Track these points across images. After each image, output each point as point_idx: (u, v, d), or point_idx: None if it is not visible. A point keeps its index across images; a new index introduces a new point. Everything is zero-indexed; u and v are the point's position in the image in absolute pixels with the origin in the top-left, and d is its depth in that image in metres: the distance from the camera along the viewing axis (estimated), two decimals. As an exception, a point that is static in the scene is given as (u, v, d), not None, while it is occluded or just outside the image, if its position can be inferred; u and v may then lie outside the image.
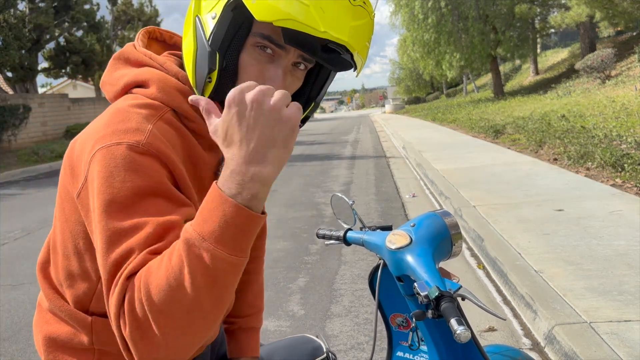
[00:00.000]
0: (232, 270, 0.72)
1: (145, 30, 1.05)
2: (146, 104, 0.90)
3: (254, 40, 0.88)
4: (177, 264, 0.70)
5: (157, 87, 0.93)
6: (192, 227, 0.72)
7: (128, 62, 0.99)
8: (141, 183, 0.80)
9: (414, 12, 26.18)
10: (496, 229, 4.46)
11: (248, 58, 0.89)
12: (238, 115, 0.72)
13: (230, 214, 0.70)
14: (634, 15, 18.20)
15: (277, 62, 0.89)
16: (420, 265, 1.01)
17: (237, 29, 0.87)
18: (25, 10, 20.87)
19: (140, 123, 0.86)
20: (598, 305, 2.85)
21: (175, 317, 0.71)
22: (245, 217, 0.71)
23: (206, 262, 0.70)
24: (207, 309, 0.72)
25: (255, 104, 0.72)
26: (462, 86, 43.74)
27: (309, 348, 1.32)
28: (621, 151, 6.82)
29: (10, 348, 3.22)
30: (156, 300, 0.70)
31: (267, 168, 0.72)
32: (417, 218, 1.13)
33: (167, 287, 0.70)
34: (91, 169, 0.83)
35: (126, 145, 0.82)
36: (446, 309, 0.91)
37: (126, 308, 0.72)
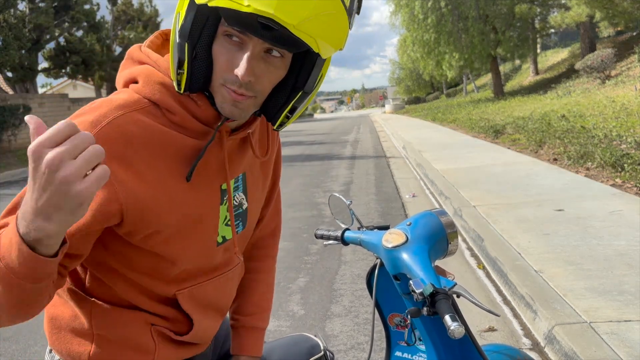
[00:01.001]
0: (9, 284, 0.76)
1: (161, 32, 1.08)
2: (126, 97, 0.94)
3: (222, 30, 0.88)
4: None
5: (142, 81, 0.96)
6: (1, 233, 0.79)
7: (132, 62, 1.03)
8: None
9: (414, 12, 26.18)
10: (496, 229, 4.46)
11: (219, 47, 0.89)
12: (34, 172, 0.70)
13: (15, 243, 0.74)
14: (634, 15, 18.20)
15: (244, 50, 0.89)
16: (415, 263, 1.02)
17: (205, 19, 0.87)
18: (25, 10, 20.88)
19: (101, 116, 0.89)
20: (598, 305, 2.84)
21: None
22: (26, 253, 0.74)
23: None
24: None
25: (47, 169, 0.68)
26: (462, 86, 43.76)
27: (307, 346, 1.33)
28: (621, 151, 6.82)
29: (11, 348, 3.22)
30: None
31: (51, 225, 0.72)
32: (413, 217, 1.14)
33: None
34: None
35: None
36: (440, 305, 0.91)
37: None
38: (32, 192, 0.70)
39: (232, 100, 0.91)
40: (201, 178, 0.99)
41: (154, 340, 1.03)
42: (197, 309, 1.07)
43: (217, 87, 0.92)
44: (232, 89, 0.90)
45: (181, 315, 1.06)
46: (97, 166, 0.70)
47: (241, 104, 0.92)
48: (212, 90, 0.93)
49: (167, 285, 1.02)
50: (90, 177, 0.70)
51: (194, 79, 0.91)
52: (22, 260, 0.74)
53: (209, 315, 1.11)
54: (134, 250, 0.97)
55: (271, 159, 1.21)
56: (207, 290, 1.09)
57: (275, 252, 1.36)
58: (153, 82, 0.95)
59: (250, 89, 0.91)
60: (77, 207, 0.70)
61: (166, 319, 1.05)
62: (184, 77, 0.90)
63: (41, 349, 3.18)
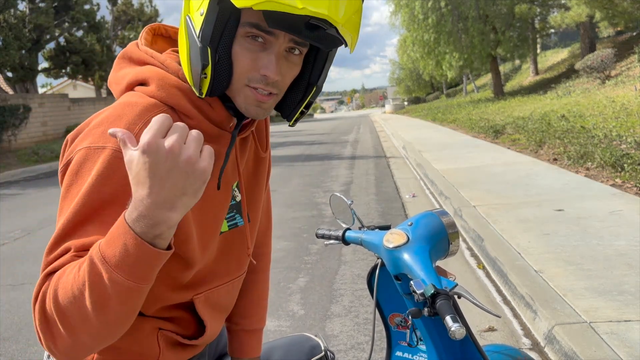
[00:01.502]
0: (127, 294, 0.75)
1: (150, 27, 1.06)
2: (144, 102, 0.92)
3: (243, 31, 0.88)
4: (82, 277, 0.75)
5: (156, 85, 0.93)
6: (99, 246, 0.75)
7: (131, 61, 1.00)
8: (107, 190, 0.83)
9: (414, 12, 26.18)
10: (496, 229, 4.46)
11: (240, 49, 0.89)
12: (151, 165, 0.70)
13: (132, 246, 0.73)
14: (634, 15, 18.20)
15: (269, 49, 0.89)
16: (416, 264, 1.02)
17: (225, 22, 0.87)
18: (25, 10, 20.87)
19: (129, 124, 0.87)
20: (598, 305, 2.85)
21: (72, 322, 0.76)
22: (146, 252, 0.73)
23: (104, 281, 0.74)
24: (102, 323, 0.76)
25: (170, 155, 0.70)
26: (462, 86, 43.74)
27: (307, 346, 1.33)
28: (621, 151, 6.82)
29: (11, 348, 3.22)
30: (60, 302, 0.76)
31: (175, 214, 0.73)
32: (414, 217, 1.13)
33: (71, 294, 0.75)
34: (72, 164, 0.86)
35: (109, 151, 0.84)
36: (441, 306, 0.91)
37: (38, 305, 0.78)
38: (150, 188, 0.71)
39: (256, 101, 0.92)
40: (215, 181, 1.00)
41: (159, 345, 1.02)
42: (211, 312, 1.07)
43: (239, 89, 0.92)
44: (257, 88, 0.91)
45: (193, 319, 1.07)
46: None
47: (265, 104, 0.93)
48: (231, 92, 0.93)
49: (186, 291, 1.02)
50: (204, 154, 0.73)
51: (217, 83, 0.90)
52: (144, 261, 0.74)
53: (218, 318, 1.12)
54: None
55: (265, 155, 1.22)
56: (221, 294, 1.10)
57: (270, 250, 1.37)
58: (168, 86, 0.93)
59: (276, 87, 0.93)
60: (199, 187, 0.73)
61: (177, 324, 1.05)
62: (207, 82, 0.90)
63: (41, 349, 3.18)
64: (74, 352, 0.79)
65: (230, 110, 0.98)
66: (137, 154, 0.71)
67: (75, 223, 0.82)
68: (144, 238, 0.73)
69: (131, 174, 0.73)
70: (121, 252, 0.73)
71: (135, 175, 0.72)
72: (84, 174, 0.84)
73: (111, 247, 0.73)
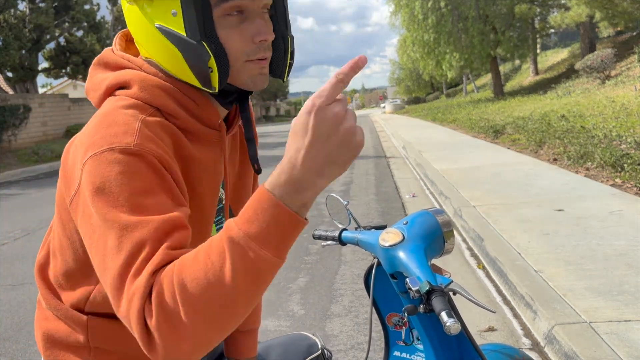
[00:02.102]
0: (272, 271, 0.73)
1: (123, 33, 1.04)
2: (131, 104, 0.90)
3: (220, 11, 0.87)
4: (218, 261, 0.71)
5: (139, 86, 0.91)
6: (236, 225, 0.72)
7: (107, 67, 0.98)
8: (138, 184, 0.80)
9: (414, 12, 26.19)
10: (496, 229, 4.47)
11: (225, 30, 0.89)
12: (315, 127, 0.70)
13: (281, 219, 0.71)
14: (634, 15, 18.20)
15: (251, 16, 0.89)
16: (412, 261, 1.03)
17: (201, 12, 0.87)
18: (25, 10, 20.87)
19: (127, 124, 0.85)
20: (598, 305, 2.85)
21: (208, 312, 0.71)
22: (294, 223, 0.72)
23: (250, 261, 0.71)
24: (240, 306, 0.73)
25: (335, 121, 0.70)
26: (462, 86, 43.76)
27: (304, 345, 1.33)
28: (621, 151, 6.82)
29: (11, 348, 3.22)
30: (192, 295, 0.70)
31: (323, 181, 0.74)
32: (409, 216, 1.14)
33: (206, 283, 0.70)
34: (85, 177, 0.82)
35: (118, 150, 0.82)
36: (436, 302, 0.92)
37: (154, 302, 0.72)
38: (307, 150, 0.70)
39: (259, 69, 0.93)
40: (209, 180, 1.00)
41: None
42: None
43: (240, 68, 0.91)
44: (257, 58, 0.91)
45: None
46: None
47: (265, 68, 0.94)
48: (233, 75, 0.92)
49: None
50: (358, 129, 0.73)
51: (223, 73, 0.90)
52: (289, 234, 0.73)
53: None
54: None
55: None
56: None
57: None
58: (151, 87, 0.91)
59: (270, 49, 0.94)
60: (349, 160, 0.73)
61: None
62: (216, 74, 0.89)
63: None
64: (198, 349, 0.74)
65: (229, 105, 0.98)
66: (302, 113, 0.71)
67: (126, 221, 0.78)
68: (289, 206, 0.72)
69: (291, 133, 0.72)
70: (269, 228, 0.71)
71: (294, 134, 0.72)
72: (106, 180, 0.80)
73: (255, 224, 0.71)
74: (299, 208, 0.73)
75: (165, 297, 0.71)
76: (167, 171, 0.86)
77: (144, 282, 0.73)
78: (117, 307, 0.76)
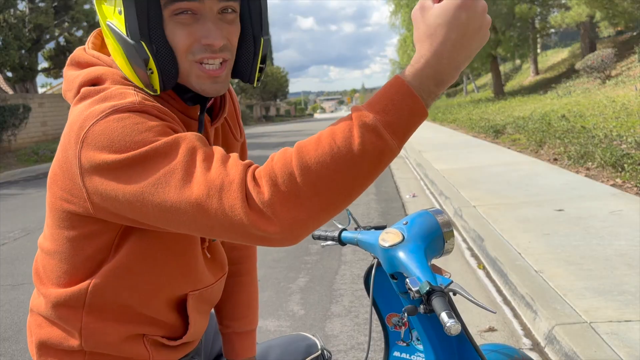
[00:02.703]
0: (391, 160, 0.75)
1: (98, 31, 1.03)
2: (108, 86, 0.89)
3: (169, 11, 0.86)
4: (345, 146, 0.72)
5: (111, 80, 0.90)
6: (373, 114, 0.72)
7: (79, 65, 0.97)
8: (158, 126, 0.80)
9: (414, 12, 26.17)
10: (496, 229, 4.46)
11: (172, 30, 0.87)
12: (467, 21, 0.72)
13: (416, 111, 0.73)
14: (634, 15, 18.20)
15: (202, 18, 0.87)
16: (412, 262, 1.03)
17: (147, 10, 0.85)
18: (25, 10, 20.87)
19: (122, 90, 0.85)
20: (598, 305, 2.84)
21: (328, 194, 0.73)
22: (424, 115, 0.74)
23: (379, 149, 0.72)
24: (357, 188, 0.75)
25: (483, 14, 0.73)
26: (462, 86, 43.75)
27: (304, 345, 1.33)
28: (621, 151, 6.82)
29: (11, 348, 3.22)
30: (316, 176, 0.72)
31: (456, 76, 0.75)
32: (409, 216, 1.14)
33: (333, 166, 0.72)
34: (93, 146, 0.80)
35: (123, 108, 0.81)
36: (437, 302, 0.92)
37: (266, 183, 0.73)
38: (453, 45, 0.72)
39: (210, 77, 0.90)
40: None
41: (147, 349, 1.00)
42: (198, 309, 1.07)
43: (188, 69, 0.89)
44: (205, 62, 0.89)
45: (178, 318, 1.05)
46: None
47: (220, 77, 0.91)
48: (182, 77, 0.90)
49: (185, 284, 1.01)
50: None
51: (166, 74, 0.88)
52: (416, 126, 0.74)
53: (204, 313, 1.11)
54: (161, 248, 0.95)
55: (241, 142, 1.19)
56: (214, 291, 1.10)
57: (255, 252, 1.34)
58: (122, 80, 0.90)
59: (227, 51, 0.91)
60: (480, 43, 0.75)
61: (160, 326, 1.02)
62: (156, 76, 0.87)
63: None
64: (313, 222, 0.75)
65: (189, 101, 0.96)
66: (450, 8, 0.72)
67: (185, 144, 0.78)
68: (423, 97, 0.73)
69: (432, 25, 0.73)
70: (402, 118, 0.72)
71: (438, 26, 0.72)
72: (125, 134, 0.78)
73: (391, 113, 0.72)
74: (430, 101, 0.75)
75: (279, 178, 0.72)
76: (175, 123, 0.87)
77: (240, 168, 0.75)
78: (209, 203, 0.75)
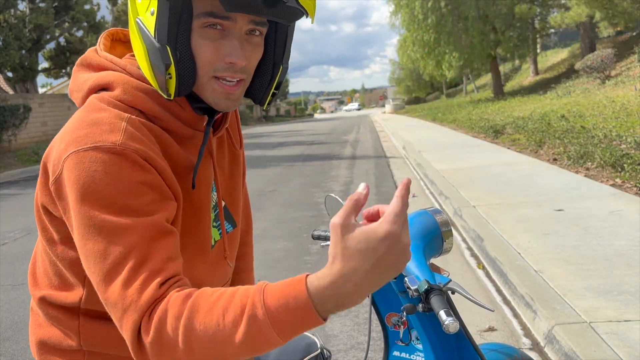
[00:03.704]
0: (270, 348, 0.75)
1: (108, 33, 1.03)
2: (115, 104, 0.89)
3: (199, 22, 0.86)
4: (231, 328, 0.72)
5: (121, 89, 0.91)
6: (264, 308, 0.71)
7: (90, 67, 0.97)
8: (125, 185, 0.81)
9: (414, 12, 26.20)
10: (496, 229, 4.47)
11: (199, 41, 0.87)
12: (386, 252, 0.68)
13: (309, 321, 0.71)
14: (634, 15, 18.20)
15: (230, 35, 0.87)
16: (410, 261, 1.02)
17: (179, 17, 0.85)
18: (26, 10, 20.88)
19: (112, 123, 0.85)
20: (598, 305, 2.85)
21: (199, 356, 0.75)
22: (316, 324, 0.73)
23: (261, 341, 0.72)
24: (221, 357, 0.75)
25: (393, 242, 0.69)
26: (462, 86, 43.77)
27: (303, 344, 1.33)
28: (621, 151, 6.82)
29: (11, 348, 3.22)
30: (195, 340, 0.73)
31: (359, 302, 0.73)
32: (408, 216, 1.15)
33: (212, 339, 0.73)
34: (67, 174, 0.82)
35: (103, 149, 0.82)
36: (435, 301, 0.92)
37: (155, 326, 0.75)
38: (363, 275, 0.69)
39: (225, 93, 0.91)
40: (199, 179, 0.99)
41: None
42: None
43: (205, 83, 0.90)
44: (224, 78, 0.89)
45: None
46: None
47: (233, 94, 0.92)
48: (198, 88, 0.91)
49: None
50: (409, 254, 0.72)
51: (183, 82, 0.88)
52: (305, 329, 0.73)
53: None
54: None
55: (241, 151, 1.19)
56: None
57: (252, 249, 1.35)
58: (133, 89, 0.91)
59: (244, 72, 0.91)
60: (392, 276, 0.71)
61: None
62: (173, 82, 0.88)
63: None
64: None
65: (198, 110, 0.96)
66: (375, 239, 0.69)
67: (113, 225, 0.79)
68: (319, 312, 0.71)
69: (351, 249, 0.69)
70: (293, 323, 0.71)
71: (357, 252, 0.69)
72: (91, 181, 0.80)
73: (282, 316, 0.71)
74: (327, 314, 0.73)
75: (167, 328, 0.74)
76: (154, 168, 0.85)
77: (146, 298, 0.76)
78: (110, 312, 0.79)
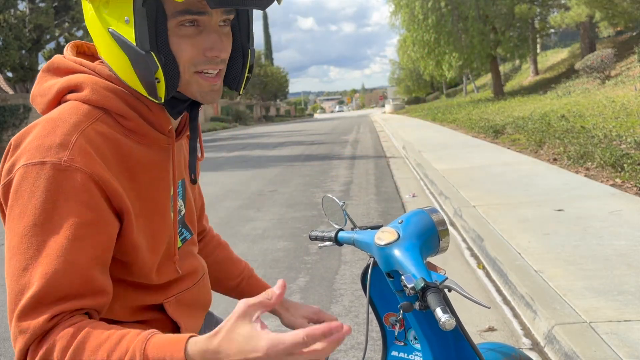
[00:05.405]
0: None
1: (74, 44, 1.04)
2: (78, 111, 0.90)
3: (175, 22, 0.88)
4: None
5: (90, 89, 0.91)
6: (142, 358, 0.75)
7: (58, 72, 0.97)
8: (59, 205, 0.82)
9: (414, 12, 26.22)
10: (496, 229, 4.47)
11: (177, 40, 0.89)
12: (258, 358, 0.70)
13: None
14: (634, 15, 18.21)
15: (207, 29, 0.90)
16: (407, 259, 1.04)
17: (154, 20, 0.86)
18: (26, 11, 20.90)
19: (65, 135, 0.85)
20: (598, 305, 2.85)
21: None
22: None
23: None
24: None
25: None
26: (462, 86, 43.79)
27: None
28: (621, 151, 6.82)
29: (11, 348, 3.22)
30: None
31: None
32: (405, 215, 1.16)
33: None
34: (15, 184, 0.84)
35: (49, 164, 0.83)
36: (431, 299, 0.93)
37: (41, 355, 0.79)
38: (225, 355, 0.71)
39: (209, 86, 0.94)
40: (159, 183, 0.99)
41: None
42: (184, 313, 1.07)
43: (189, 79, 0.92)
44: (206, 71, 0.92)
45: (168, 322, 1.05)
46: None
47: (216, 85, 0.95)
48: (182, 86, 0.93)
49: (155, 294, 1.01)
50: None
51: (171, 83, 0.90)
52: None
53: (195, 315, 1.11)
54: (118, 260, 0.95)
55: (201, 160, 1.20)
56: (193, 294, 1.10)
57: (210, 227, 1.37)
58: (102, 89, 0.92)
59: (224, 62, 0.95)
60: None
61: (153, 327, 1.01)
62: (162, 85, 0.89)
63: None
64: None
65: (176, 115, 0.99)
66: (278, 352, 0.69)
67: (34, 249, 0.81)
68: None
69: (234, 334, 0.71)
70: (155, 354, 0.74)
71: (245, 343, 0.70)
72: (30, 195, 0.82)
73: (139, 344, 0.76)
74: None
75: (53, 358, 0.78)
76: (99, 187, 0.86)
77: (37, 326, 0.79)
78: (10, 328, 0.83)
